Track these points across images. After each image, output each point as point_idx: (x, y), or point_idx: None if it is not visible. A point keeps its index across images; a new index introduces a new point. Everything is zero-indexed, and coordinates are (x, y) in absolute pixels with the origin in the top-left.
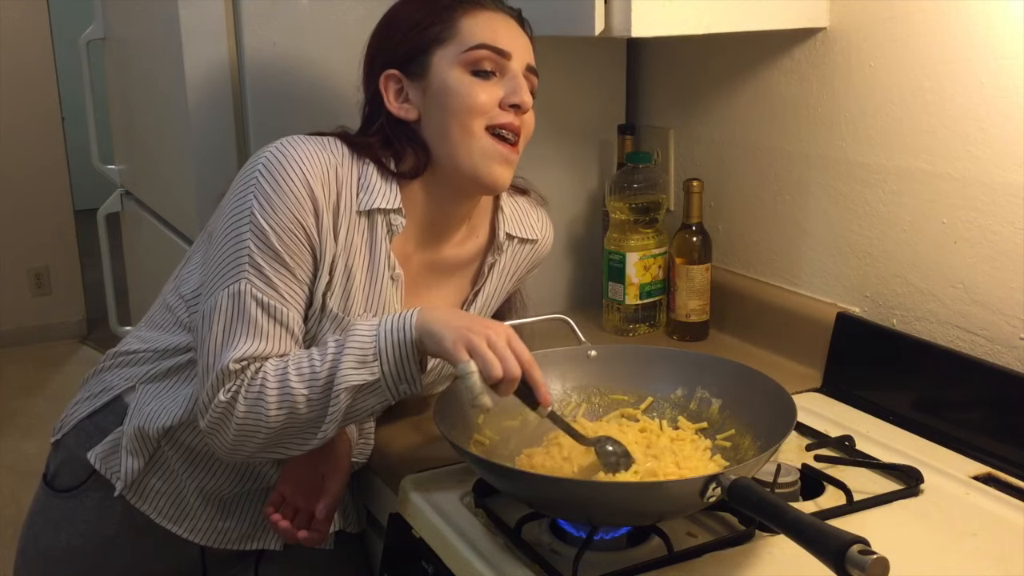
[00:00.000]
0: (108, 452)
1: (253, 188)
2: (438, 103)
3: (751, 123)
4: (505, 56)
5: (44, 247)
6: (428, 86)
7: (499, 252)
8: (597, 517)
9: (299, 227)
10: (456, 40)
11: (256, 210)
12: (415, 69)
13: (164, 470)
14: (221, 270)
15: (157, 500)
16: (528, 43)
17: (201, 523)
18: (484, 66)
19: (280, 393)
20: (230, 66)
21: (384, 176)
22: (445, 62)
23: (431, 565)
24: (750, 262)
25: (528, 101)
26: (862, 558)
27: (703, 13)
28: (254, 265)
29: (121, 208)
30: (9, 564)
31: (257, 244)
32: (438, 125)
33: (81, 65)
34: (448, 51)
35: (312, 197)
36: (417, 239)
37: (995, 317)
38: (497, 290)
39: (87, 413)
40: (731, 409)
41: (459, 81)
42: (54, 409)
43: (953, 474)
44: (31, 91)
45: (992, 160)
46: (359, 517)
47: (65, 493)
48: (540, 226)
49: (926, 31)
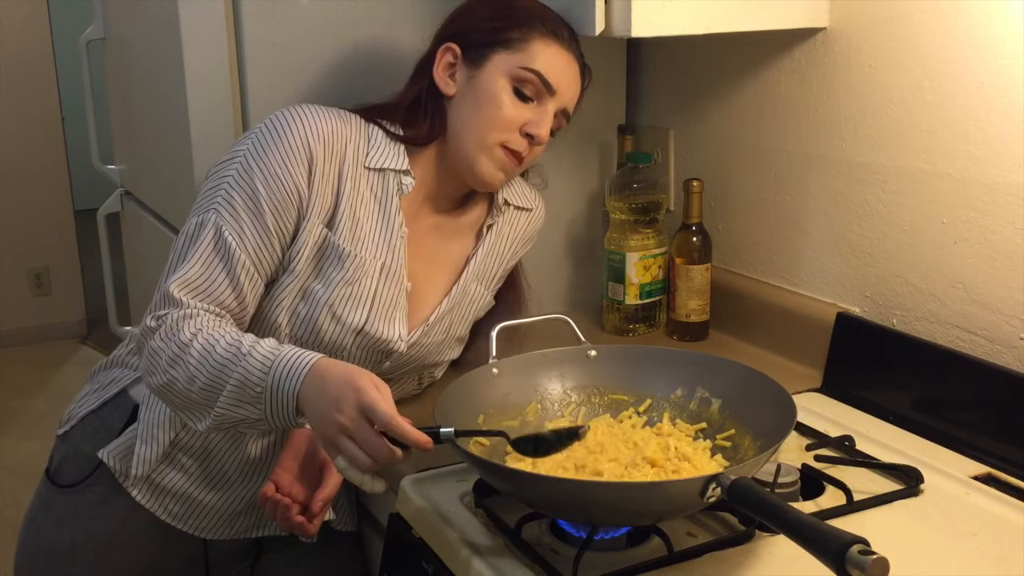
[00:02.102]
0: (123, 450)
1: (252, 136)
2: (474, 97)
3: (751, 123)
4: (550, 91)
5: (44, 247)
6: (475, 76)
7: (498, 214)
8: (597, 517)
9: (287, 175)
10: (520, 53)
11: (248, 152)
12: (474, 56)
13: (175, 466)
14: (200, 201)
15: (164, 498)
16: (578, 91)
17: (208, 520)
18: (527, 89)
19: (177, 353)
20: (230, 66)
21: (390, 140)
22: (501, 65)
23: (431, 565)
24: (750, 262)
25: (544, 136)
26: (862, 558)
27: (703, 13)
28: (228, 199)
29: (121, 208)
30: (9, 564)
31: (237, 180)
32: (464, 115)
33: (81, 65)
34: (508, 58)
35: (308, 150)
36: (422, 203)
37: (995, 317)
38: (496, 253)
39: (95, 406)
40: (731, 409)
41: (501, 90)
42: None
43: (953, 474)
44: (31, 91)
45: (992, 160)
46: (351, 515)
47: (68, 488)
48: (533, 197)
49: (926, 31)
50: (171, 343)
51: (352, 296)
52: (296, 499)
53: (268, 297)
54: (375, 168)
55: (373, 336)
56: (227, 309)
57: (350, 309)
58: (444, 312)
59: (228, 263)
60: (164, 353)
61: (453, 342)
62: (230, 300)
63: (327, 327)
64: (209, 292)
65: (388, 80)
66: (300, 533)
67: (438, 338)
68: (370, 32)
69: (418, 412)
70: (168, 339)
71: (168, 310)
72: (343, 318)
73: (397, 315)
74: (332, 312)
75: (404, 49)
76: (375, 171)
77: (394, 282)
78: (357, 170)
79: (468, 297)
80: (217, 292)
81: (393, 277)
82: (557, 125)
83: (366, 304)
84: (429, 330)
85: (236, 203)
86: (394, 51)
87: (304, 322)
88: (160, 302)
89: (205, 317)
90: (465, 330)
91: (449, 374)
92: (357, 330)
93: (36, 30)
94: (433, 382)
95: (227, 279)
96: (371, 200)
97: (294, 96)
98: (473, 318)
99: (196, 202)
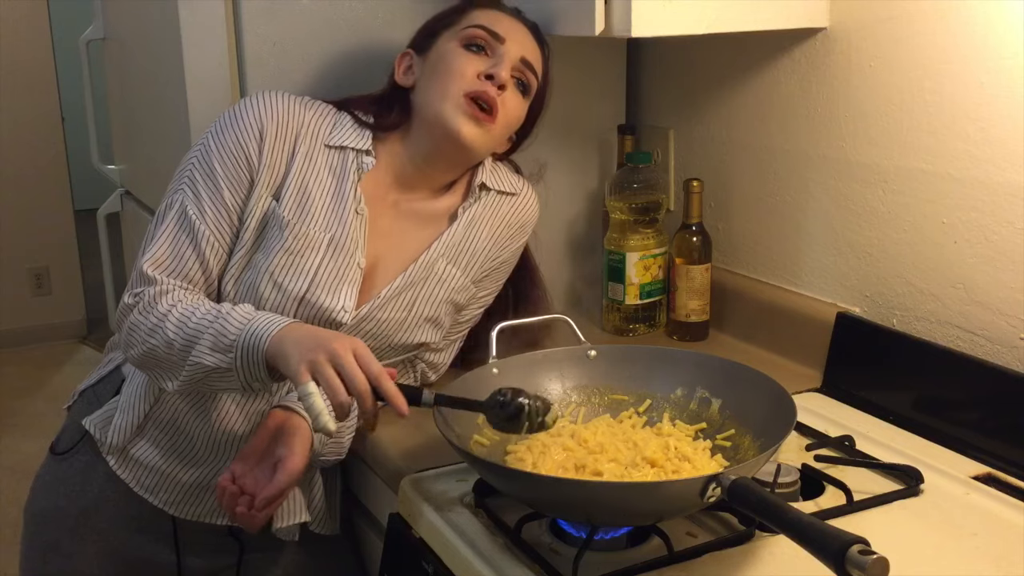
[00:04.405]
0: (104, 419)
1: (216, 121)
2: (431, 69)
3: (751, 123)
4: (498, 39)
5: (44, 247)
6: (427, 57)
7: (474, 199)
8: (597, 517)
9: (239, 150)
10: (462, 22)
11: (210, 134)
12: (424, 45)
13: (147, 438)
14: (170, 185)
15: (137, 469)
16: (533, 45)
17: (175, 494)
18: (477, 42)
19: (156, 324)
20: (230, 66)
21: (358, 125)
22: (447, 39)
23: (431, 565)
24: (750, 262)
25: (504, 76)
26: (862, 558)
27: (703, 13)
28: (191, 179)
29: (121, 208)
30: (9, 564)
31: (199, 161)
32: (425, 87)
33: (81, 65)
34: (452, 30)
35: (260, 127)
36: (390, 186)
37: (995, 317)
38: (475, 237)
39: (93, 382)
40: (731, 409)
41: (451, 51)
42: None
43: (953, 474)
44: (31, 91)
45: (992, 160)
46: (331, 519)
47: (60, 456)
48: (519, 183)
49: (926, 31)
50: (149, 316)
51: (293, 266)
52: (247, 491)
53: None
54: (335, 146)
55: (315, 304)
56: (195, 284)
57: (291, 277)
58: (400, 288)
59: (193, 239)
60: (143, 326)
61: (423, 323)
62: (197, 274)
63: (268, 293)
64: (178, 268)
65: (387, 79)
66: (245, 526)
67: (398, 315)
68: (370, 31)
69: (418, 412)
70: (146, 313)
71: (144, 288)
72: (284, 285)
73: (344, 288)
74: (273, 279)
75: (403, 49)
76: (335, 149)
77: (343, 255)
78: (314, 147)
79: (435, 276)
80: (186, 268)
81: (342, 250)
82: (526, 79)
83: (308, 274)
84: (382, 304)
85: (197, 182)
86: (393, 51)
87: (248, 288)
88: (136, 280)
89: (180, 292)
90: (439, 313)
91: (449, 374)
92: (298, 298)
93: (36, 30)
94: (432, 383)
95: (193, 254)
96: (327, 176)
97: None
98: (450, 301)
99: (169, 186)
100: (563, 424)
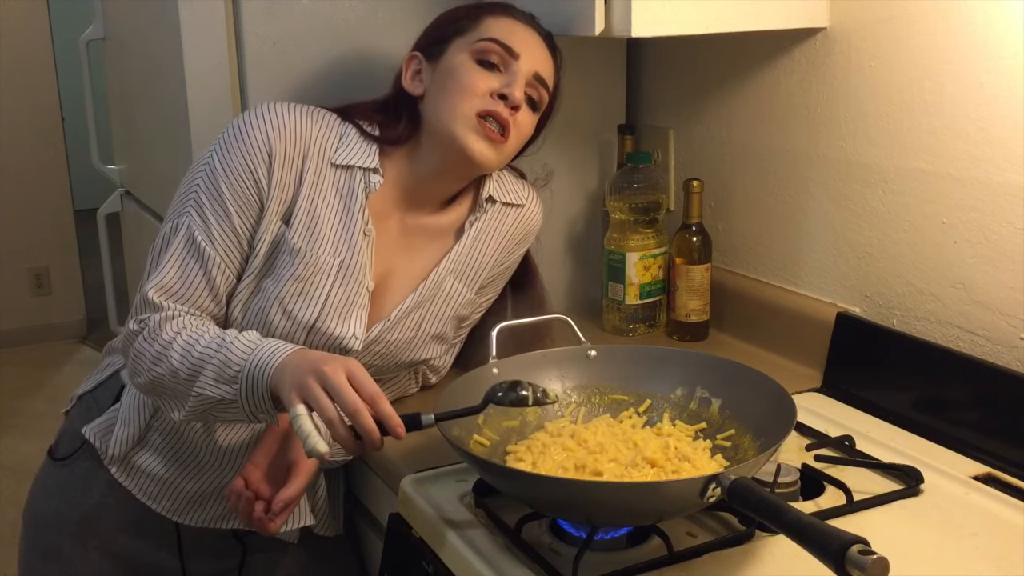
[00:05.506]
0: (104, 428)
1: (220, 138)
2: (441, 83)
3: (751, 123)
4: (512, 55)
5: (44, 247)
6: (438, 67)
7: (481, 212)
8: (597, 517)
9: (248, 173)
10: (474, 32)
11: (215, 153)
12: (434, 51)
13: (150, 447)
14: (173, 206)
15: (139, 477)
16: (547, 58)
17: (179, 502)
18: (490, 58)
19: (161, 351)
20: (230, 66)
21: (363, 139)
22: (458, 48)
23: (431, 565)
24: (750, 262)
25: (518, 96)
26: (862, 558)
27: (703, 13)
28: (197, 202)
29: (121, 208)
30: (9, 565)
31: (205, 183)
32: (435, 102)
33: (81, 65)
34: (465, 40)
35: (268, 147)
36: (396, 202)
37: (995, 317)
38: (481, 251)
39: (91, 387)
40: (731, 409)
41: (463, 65)
42: (54, 409)
43: (953, 474)
44: (31, 91)
45: (992, 160)
46: (334, 519)
47: (60, 462)
48: (526, 194)
49: (926, 31)
50: (154, 344)
51: (303, 293)
52: (261, 496)
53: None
54: (342, 165)
55: (325, 333)
56: (205, 310)
57: (301, 305)
58: (409, 308)
59: (202, 265)
60: (148, 353)
61: (429, 340)
62: (207, 301)
63: (278, 321)
64: (186, 295)
65: (387, 81)
66: (259, 529)
67: (406, 334)
68: (370, 32)
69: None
70: (151, 340)
71: (148, 314)
72: (293, 313)
73: (354, 314)
74: (283, 307)
75: (403, 50)
76: (342, 168)
77: (352, 280)
78: (321, 166)
79: (443, 293)
80: (194, 294)
81: (351, 275)
82: (538, 95)
83: (318, 302)
84: (391, 326)
85: (204, 206)
86: (394, 51)
87: (257, 314)
88: (140, 306)
89: (185, 318)
90: (445, 329)
91: (449, 374)
92: (308, 326)
93: (36, 30)
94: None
95: (203, 281)
96: (335, 197)
97: (293, 96)
98: (455, 316)
99: (171, 206)
100: (563, 424)
